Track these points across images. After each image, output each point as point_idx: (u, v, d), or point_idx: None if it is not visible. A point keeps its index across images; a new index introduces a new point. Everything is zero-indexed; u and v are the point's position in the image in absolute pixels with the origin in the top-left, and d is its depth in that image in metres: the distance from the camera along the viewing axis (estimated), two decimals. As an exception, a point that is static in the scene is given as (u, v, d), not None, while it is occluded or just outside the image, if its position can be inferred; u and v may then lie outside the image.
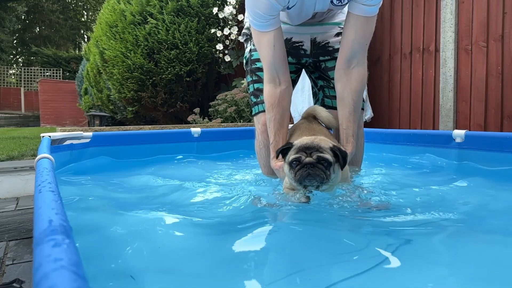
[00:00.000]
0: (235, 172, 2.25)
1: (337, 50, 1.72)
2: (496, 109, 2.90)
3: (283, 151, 1.44)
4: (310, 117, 1.80)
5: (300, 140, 1.40)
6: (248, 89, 1.98)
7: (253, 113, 1.95)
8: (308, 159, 1.33)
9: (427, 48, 3.39)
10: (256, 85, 1.91)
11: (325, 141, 1.38)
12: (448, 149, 2.30)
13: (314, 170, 1.32)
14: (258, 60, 1.83)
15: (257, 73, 1.90)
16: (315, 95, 2.04)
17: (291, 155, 1.38)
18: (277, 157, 1.48)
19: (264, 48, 1.62)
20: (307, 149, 1.35)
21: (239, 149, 2.96)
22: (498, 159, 2.05)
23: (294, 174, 1.36)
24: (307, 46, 1.84)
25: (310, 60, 1.91)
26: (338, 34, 1.81)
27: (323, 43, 1.85)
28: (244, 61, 2.03)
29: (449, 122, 3.18)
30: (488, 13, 2.94)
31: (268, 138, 1.76)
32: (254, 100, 1.92)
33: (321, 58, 1.88)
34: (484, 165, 2.09)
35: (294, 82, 1.94)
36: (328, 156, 1.34)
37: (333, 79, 1.76)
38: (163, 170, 2.41)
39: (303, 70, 2.03)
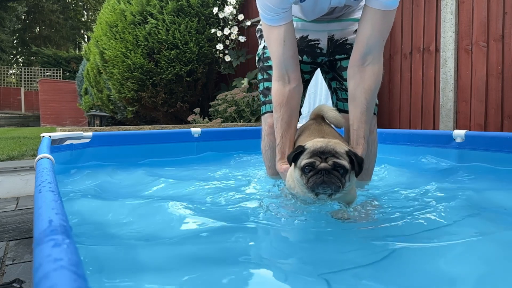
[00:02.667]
0: (235, 172, 2.24)
1: None
2: (496, 109, 2.90)
3: (295, 156, 1.30)
4: (318, 118, 1.70)
5: (313, 143, 1.28)
6: (258, 87, 1.90)
7: (261, 112, 1.88)
8: (323, 165, 1.22)
9: (427, 48, 3.39)
10: (266, 84, 1.83)
11: (340, 145, 1.27)
12: (448, 149, 2.30)
13: (329, 177, 1.21)
14: (270, 58, 1.71)
15: (268, 71, 1.81)
16: (331, 98, 1.93)
17: (303, 160, 1.25)
18: (290, 164, 1.36)
19: (273, 43, 1.54)
20: (322, 154, 1.23)
21: (239, 149, 2.96)
22: (498, 159, 2.05)
23: (307, 181, 1.24)
24: (323, 44, 1.73)
25: (326, 59, 1.80)
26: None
27: (341, 41, 1.73)
28: (257, 58, 1.95)
29: (449, 122, 3.18)
30: (488, 13, 2.94)
31: (275, 140, 1.68)
32: (263, 99, 1.84)
33: (337, 56, 1.77)
34: (485, 165, 2.09)
35: (308, 82, 1.85)
36: (345, 162, 1.22)
37: (346, 80, 1.65)
38: (163, 170, 2.41)
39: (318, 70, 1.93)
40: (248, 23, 5.33)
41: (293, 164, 1.33)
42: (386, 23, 1.46)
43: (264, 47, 1.85)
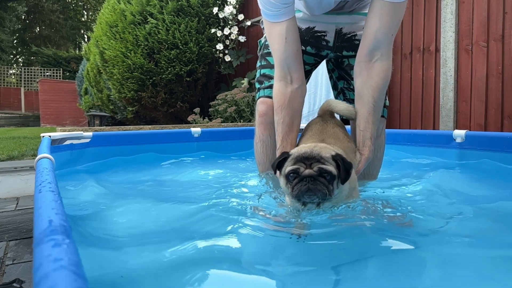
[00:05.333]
0: (235, 172, 2.24)
1: None
2: (496, 109, 2.90)
3: (279, 164, 1.22)
4: (326, 114, 1.58)
5: (298, 149, 1.21)
6: (255, 76, 1.82)
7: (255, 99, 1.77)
8: (307, 171, 1.13)
9: (428, 48, 3.39)
10: (263, 71, 1.74)
11: (327, 149, 1.18)
12: (448, 149, 2.30)
13: (315, 184, 1.12)
14: None
15: (267, 57, 1.73)
16: (336, 99, 1.82)
17: (287, 167, 1.17)
18: (275, 172, 1.26)
19: (275, 41, 1.46)
20: (306, 160, 1.15)
21: (239, 149, 2.96)
22: (498, 159, 2.05)
23: (292, 189, 1.15)
24: (330, 37, 1.64)
25: (332, 54, 1.71)
26: None
27: (349, 35, 1.64)
28: (259, 47, 1.86)
29: (450, 122, 3.18)
30: (489, 13, 2.94)
31: (265, 131, 1.64)
32: (258, 86, 1.75)
33: (344, 53, 1.68)
34: (485, 165, 2.09)
35: (308, 74, 1.75)
36: (331, 168, 1.13)
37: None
38: (163, 170, 2.41)
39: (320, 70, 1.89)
40: (248, 23, 5.33)
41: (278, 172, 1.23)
42: (395, 17, 1.36)
43: None
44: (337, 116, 1.77)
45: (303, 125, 1.67)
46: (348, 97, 1.72)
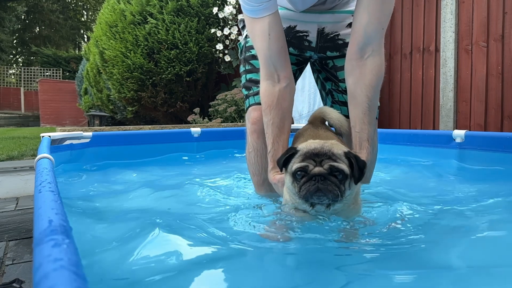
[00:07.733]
0: (235, 172, 2.24)
1: (348, 44, 1.40)
2: (496, 109, 2.90)
3: (285, 160, 1.12)
4: (317, 121, 1.53)
5: (306, 144, 1.11)
6: (241, 81, 1.71)
7: (245, 108, 1.67)
8: (317, 169, 1.03)
9: (427, 48, 3.39)
10: (249, 76, 1.64)
11: (338, 146, 1.10)
12: (448, 149, 2.30)
13: (325, 184, 1.02)
14: (253, 47, 1.53)
15: (251, 61, 1.63)
16: (324, 101, 1.77)
17: (295, 163, 1.07)
18: (281, 169, 1.16)
19: (258, 38, 1.37)
20: (316, 156, 1.05)
21: (239, 149, 2.96)
22: (498, 159, 2.05)
23: (299, 189, 1.06)
24: (312, 37, 1.56)
25: (316, 56, 1.64)
26: (350, 25, 1.44)
27: (332, 35, 1.56)
28: (239, 50, 1.76)
29: (449, 122, 3.18)
30: (489, 13, 2.94)
31: (258, 139, 1.55)
32: (246, 92, 1.64)
33: (328, 53, 1.60)
34: (484, 165, 2.09)
35: (295, 75, 1.65)
36: (344, 166, 1.04)
37: (342, 80, 1.47)
38: (163, 170, 2.41)
39: (309, 71, 1.77)
40: (248, 23, 5.33)
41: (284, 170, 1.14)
42: (385, 9, 1.29)
43: (246, 36, 1.67)
44: None
45: (303, 125, 1.65)
46: (336, 99, 1.65)
